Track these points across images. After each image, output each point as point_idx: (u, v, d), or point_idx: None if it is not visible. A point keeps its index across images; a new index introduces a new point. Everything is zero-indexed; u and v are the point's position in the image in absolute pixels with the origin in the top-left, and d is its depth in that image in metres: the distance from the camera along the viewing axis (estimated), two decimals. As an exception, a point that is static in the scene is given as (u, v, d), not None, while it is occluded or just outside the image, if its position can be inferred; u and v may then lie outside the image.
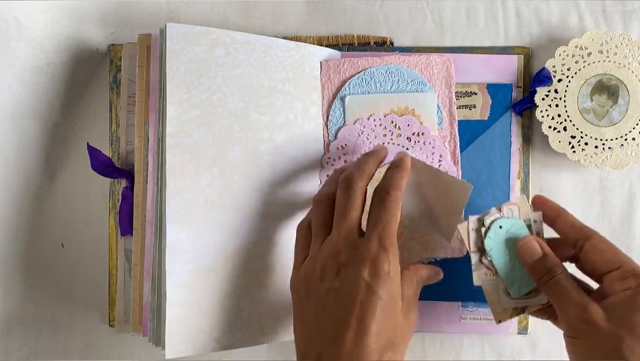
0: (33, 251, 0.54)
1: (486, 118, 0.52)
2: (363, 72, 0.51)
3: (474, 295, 0.52)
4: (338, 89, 0.51)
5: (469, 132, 0.52)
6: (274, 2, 0.54)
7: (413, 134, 0.51)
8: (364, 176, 0.44)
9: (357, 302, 0.40)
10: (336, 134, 0.51)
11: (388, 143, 0.51)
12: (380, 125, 0.51)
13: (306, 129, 0.50)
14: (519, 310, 0.46)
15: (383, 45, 0.53)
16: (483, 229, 0.45)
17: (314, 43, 0.52)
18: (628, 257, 0.42)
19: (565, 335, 0.42)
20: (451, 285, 0.52)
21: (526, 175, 0.52)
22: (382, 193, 0.43)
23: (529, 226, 0.45)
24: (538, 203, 0.46)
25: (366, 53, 0.52)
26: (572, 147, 0.51)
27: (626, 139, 0.50)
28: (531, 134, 0.52)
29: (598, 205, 0.52)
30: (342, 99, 0.51)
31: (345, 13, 0.53)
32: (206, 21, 0.53)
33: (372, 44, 0.53)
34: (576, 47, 0.51)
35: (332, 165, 0.51)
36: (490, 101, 0.52)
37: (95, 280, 0.54)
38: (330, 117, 0.51)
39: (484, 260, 0.46)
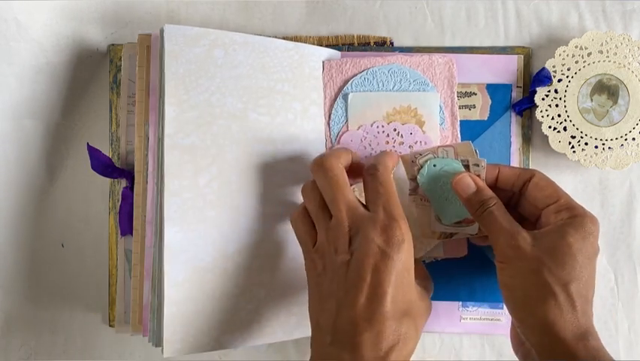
0: (33, 251, 0.54)
1: (486, 118, 0.52)
2: (365, 71, 0.51)
3: (474, 295, 0.52)
4: (340, 89, 0.51)
5: (468, 133, 0.52)
6: (274, 2, 0.54)
7: (416, 142, 0.51)
8: (334, 155, 0.44)
9: (372, 267, 0.40)
10: (339, 139, 0.51)
11: (390, 150, 0.51)
12: (383, 132, 0.51)
13: (306, 129, 0.50)
14: (447, 235, 0.47)
15: (383, 45, 0.53)
16: (416, 168, 0.47)
17: (314, 44, 0.52)
18: (566, 194, 0.44)
19: (496, 262, 0.44)
20: (451, 285, 0.52)
21: (526, 175, 0.52)
22: (372, 170, 0.44)
23: (466, 167, 0.46)
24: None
25: (366, 53, 0.52)
26: (572, 147, 0.51)
27: (626, 139, 0.50)
28: (531, 135, 0.52)
29: (598, 205, 0.52)
30: (345, 97, 0.51)
31: (345, 13, 0.53)
32: (206, 21, 0.53)
33: (372, 44, 0.53)
34: (576, 46, 0.51)
35: None
36: (490, 102, 0.52)
37: (95, 280, 0.54)
38: (332, 116, 0.51)
39: (420, 190, 0.47)
